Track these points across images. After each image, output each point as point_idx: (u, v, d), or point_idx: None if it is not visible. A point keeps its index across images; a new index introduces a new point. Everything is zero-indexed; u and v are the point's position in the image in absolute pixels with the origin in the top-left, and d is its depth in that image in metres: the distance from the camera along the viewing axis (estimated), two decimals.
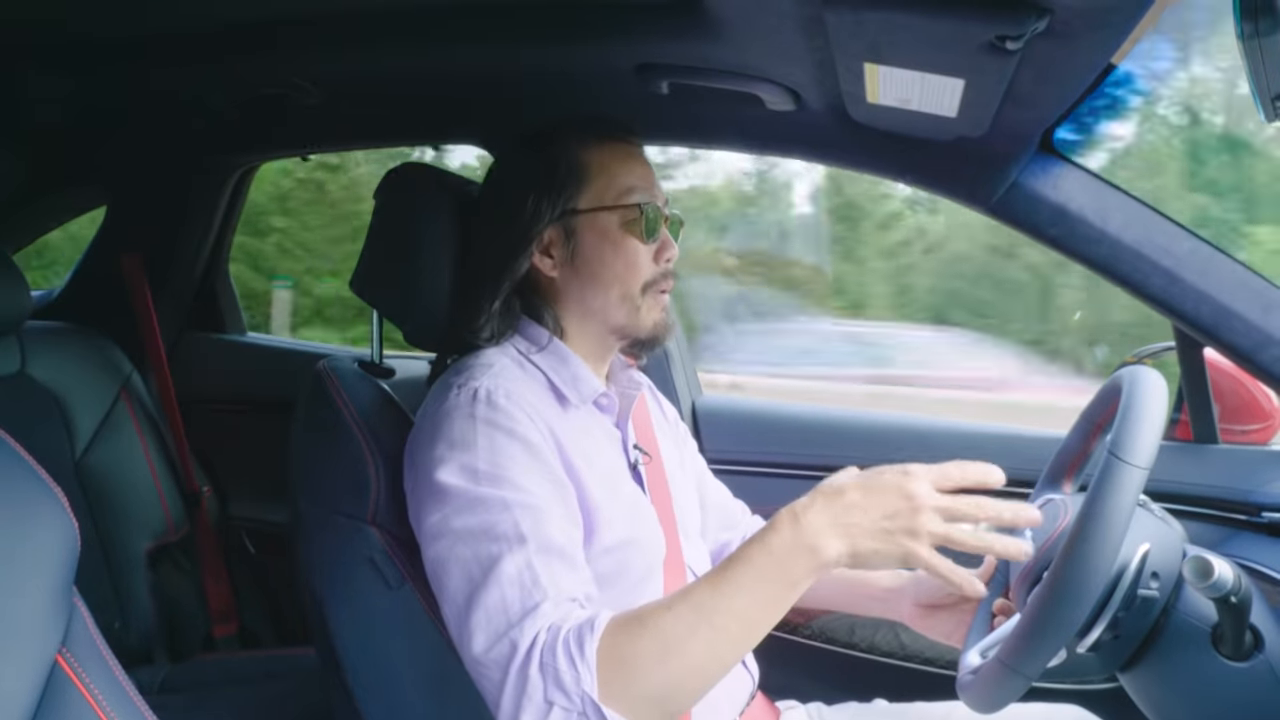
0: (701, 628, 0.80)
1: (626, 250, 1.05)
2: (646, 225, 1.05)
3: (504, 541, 0.88)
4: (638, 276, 1.06)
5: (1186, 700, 0.92)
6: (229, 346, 2.12)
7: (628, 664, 0.80)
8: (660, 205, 1.08)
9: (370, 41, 1.23)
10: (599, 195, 1.06)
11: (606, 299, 1.07)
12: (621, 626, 0.82)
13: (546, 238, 1.06)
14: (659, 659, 0.80)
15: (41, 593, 0.58)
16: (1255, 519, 1.23)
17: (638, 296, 1.06)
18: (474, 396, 0.96)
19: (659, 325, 1.09)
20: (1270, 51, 0.71)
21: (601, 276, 1.06)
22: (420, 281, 1.09)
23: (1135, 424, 0.85)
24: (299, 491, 1.07)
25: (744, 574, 0.81)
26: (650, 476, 1.12)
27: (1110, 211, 1.16)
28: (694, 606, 0.81)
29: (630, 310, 1.07)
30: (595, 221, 1.06)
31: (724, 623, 0.80)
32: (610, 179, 1.06)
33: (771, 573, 0.80)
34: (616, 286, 1.06)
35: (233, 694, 1.50)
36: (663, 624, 0.81)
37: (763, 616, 0.82)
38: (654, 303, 1.08)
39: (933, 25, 0.84)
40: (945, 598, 1.15)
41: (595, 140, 1.08)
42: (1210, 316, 1.14)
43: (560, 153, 1.07)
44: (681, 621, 0.81)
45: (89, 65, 1.34)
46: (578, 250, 1.06)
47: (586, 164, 1.06)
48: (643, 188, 1.07)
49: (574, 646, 0.81)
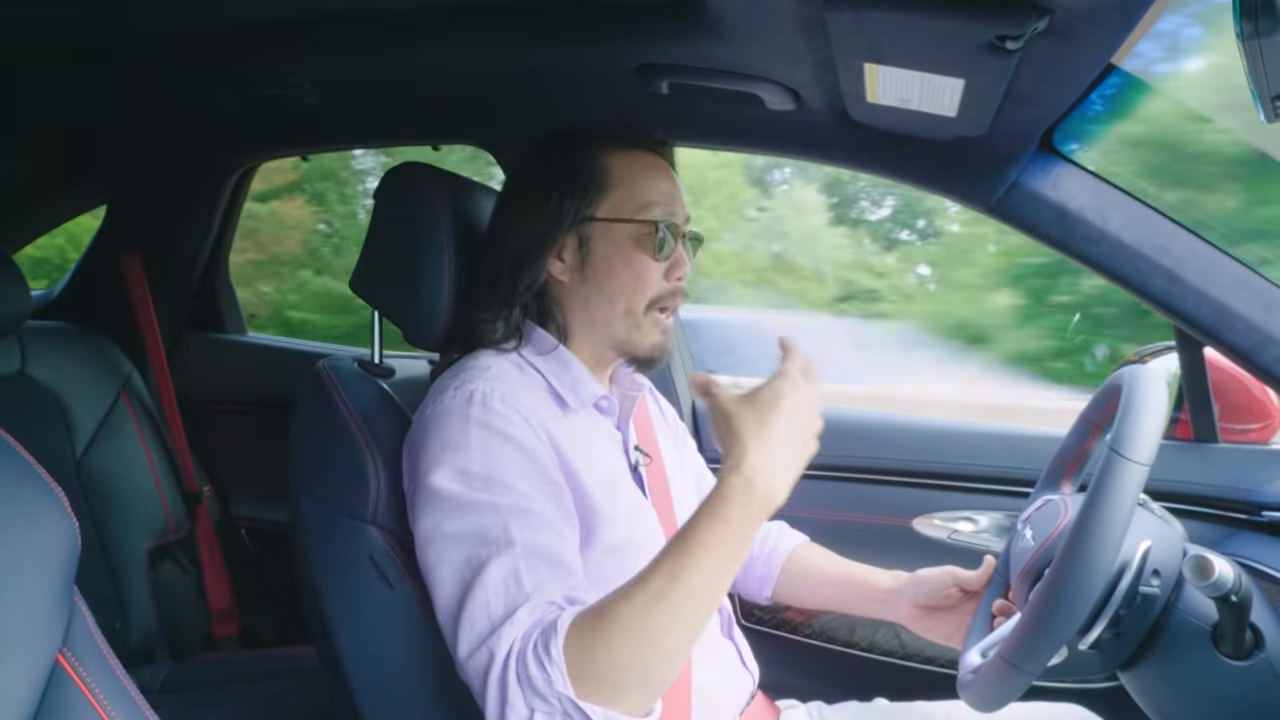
0: (664, 609, 0.80)
1: (637, 265, 1.05)
2: (660, 243, 1.04)
3: (493, 545, 0.88)
4: (644, 292, 1.05)
5: (1187, 699, 0.92)
6: (229, 346, 2.12)
7: (596, 658, 0.80)
8: (679, 222, 1.07)
9: (370, 42, 1.22)
10: (618, 206, 1.05)
11: (611, 311, 1.06)
12: (584, 622, 0.82)
13: (562, 243, 1.06)
14: (626, 648, 0.80)
15: (42, 592, 0.58)
16: (1255, 518, 1.23)
17: (640, 313, 1.06)
18: (469, 399, 0.96)
19: (656, 347, 1.08)
20: (1270, 51, 0.71)
21: (609, 287, 1.05)
22: (420, 281, 1.09)
23: (1136, 421, 0.85)
24: (299, 491, 1.07)
25: (700, 550, 0.81)
26: (651, 478, 1.13)
27: (1110, 211, 1.16)
28: (655, 593, 0.81)
29: (631, 326, 1.06)
30: (610, 232, 1.05)
31: (686, 600, 0.81)
32: (631, 191, 1.06)
33: (729, 540, 0.81)
34: (622, 300, 1.05)
35: (233, 693, 1.50)
36: (625, 612, 0.81)
37: (723, 581, 0.83)
38: (654, 323, 1.07)
39: (933, 25, 0.84)
40: (944, 599, 1.16)
41: (622, 148, 1.07)
42: (1210, 316, 1.14)
43: (585, 157, 1.06)
44: (643, 607, 0.80)
45: (89, 65, 1.34)
46: (589, 258, 1.06)
47: (610, 171, 1.06)
48: (663, 203, 1.06)
49: (541, 650, 0.81)
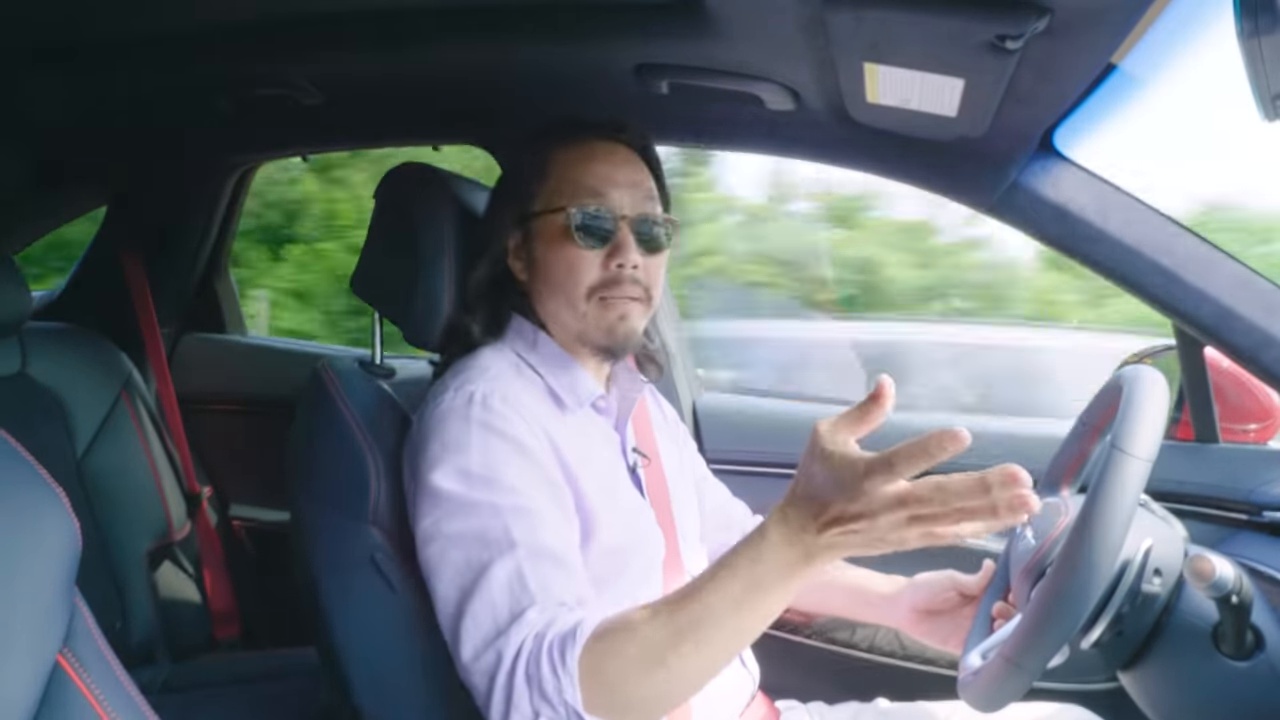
0: (687, 638, 0.77)
1: (566, 254, 1.02)
2: (585, 230, 1.00)
3: (494, 547, 0.88)
4: (579, 281, 1.02)
5: (1187, 699, 0.92)
6: (230, 347, 2.12)
7: (611, 674, 0.79)
8: (621, 208, 1.02)
9: (370, 42, 1.22)
10: (549, 198, 1.04)
11: (557, 304, 1.05)
12: (605, 635, 0.80)
13: (514, 241, 1.06)
14: (643, 669, 0.78)
15: (43, 593, 0.58)
16: (1256, 518, 1.23)
17: (581, 302, 1.02)
18: (470, 399, 0.95)
19: (613, 332, 1.03)
20: (1270, 50, 0.71)
21: (551, 280, 1.04)
22: (420, 281, 1.09)
23: (1137, 417, 0.85)
24: (299, 492, 1.07)
25: (731, 584, 0.76)
26: (649, 479, 1.12)
27: (1110, 211, 1.16)
28: (680, 617, 0.78)
29: (577, 317, 1.03)
30: (545, 225, 1.04)
31: (710, 634, 0.77)
32: (562, 180, 1.03)
33: (761, 582, 0.75)
34: (561, 292, 1.03)
35: (234, 694, 1.51)
36: (647, 634, 0.79)
37: (751, 625, 0.78)
38: (601, 310, 1.02)
39: (933, 25, 0.84)
40: (942, 603, 1.15)
41: (572, 141, 1.06)
42: (1211, 316, 1.14)
43: (532, 154, 1.07)
44: (666, 631, 0.78)
45: (89, 65, 1.34)
46: (532, 254, 1.06)
47: (548, 164, 1.05)
48: (598, 188, 1.02)
49: (556, 656, 0.80)
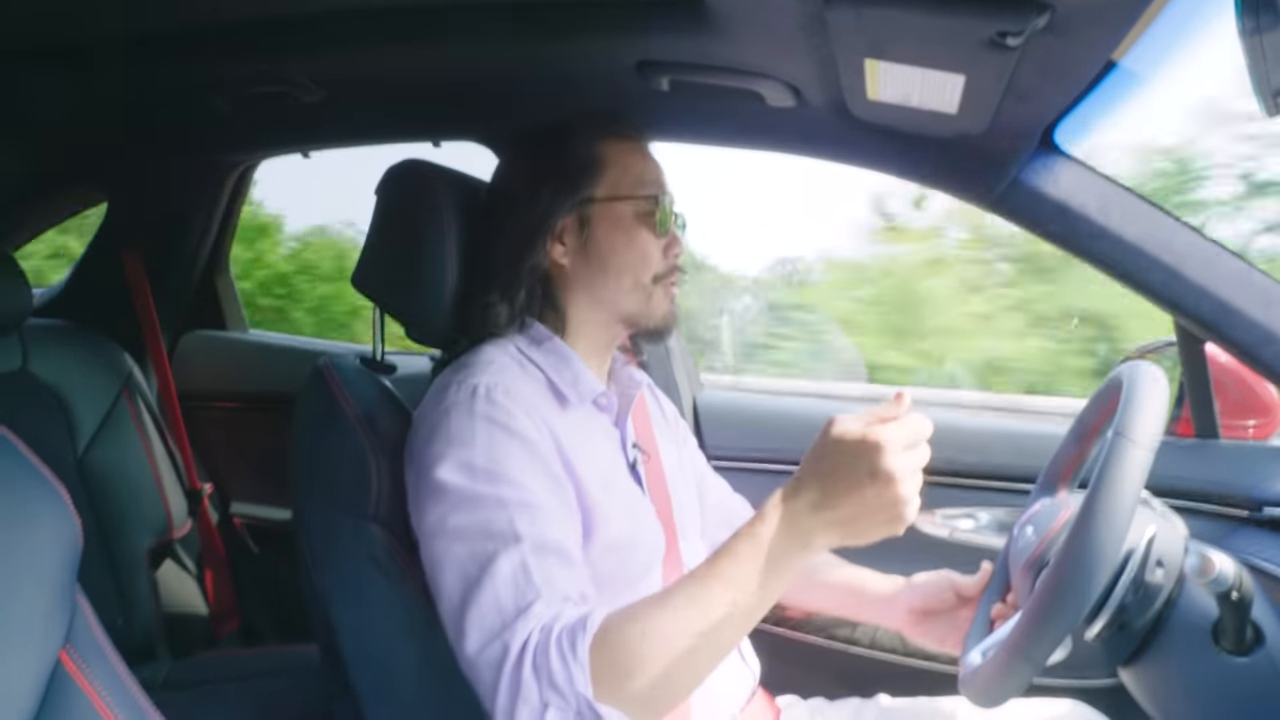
0: (694, 623, 0.80)
1: (639, 240, 1.07)
2: (661, 218, 1.08)
3: (499, 540, 0.88)
4: (649, 267, 1.08)
5: (1187, 695, 0.92)
6: (230, 344, 2.12)
7: (621, 662, 0.80)
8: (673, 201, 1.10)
9: (370, 39, 1.22)
10: (615, 185, 1.08)
11: (618, 287, 1.08)
12: (614, 625, 0.82)
13: (561, 226, 1.07)
14: (652, 656, 0.80)
15: (44, 590, 0.58)
16: (1257, 514, 1.23)
17: (649, 285, 1.08)
18: (474, 393, 0.96)
19: (668, 316, 1.11)
20: (1271, 46, 0.71)
21: (612, 265, 1.07)
22: (422, 277, 1.09)
23: (1139, 405, 0.85)
24: (300, 489, 1.07)
25: (734, 567, 0.81)
26: (649, 475, 1.12)
27: (1111, 207, 1.16)
28: (686, 602, 0.81)
29: (642, 298, 1.08)
30: (610, 210, 1.07)
31: (716, 617, 0.80)
32: (625, 170, 1.09)
33: (761, 563, 0.80)
34: (629, 275, 1.08)
35: (235, 691, 1.51)
36: (655, 621, 0.81)
37: (755, 606, 0.81)
38: (664, 293, 1.10)
39: (933, 21, 0.84)
40: (939, 604, 1.15)
41: (610, 135, 1.10)
42: (1212, 312, 1.14)
43: (576, 144, 1.09)
44: (674, 618, 0.81)
45: (89, 65, 1.33)
46: (591, 238, 1.07)
47: (602, 156, 1.08)
48: (660, 181, 1.10)
49: (566, 646, 0.81)
